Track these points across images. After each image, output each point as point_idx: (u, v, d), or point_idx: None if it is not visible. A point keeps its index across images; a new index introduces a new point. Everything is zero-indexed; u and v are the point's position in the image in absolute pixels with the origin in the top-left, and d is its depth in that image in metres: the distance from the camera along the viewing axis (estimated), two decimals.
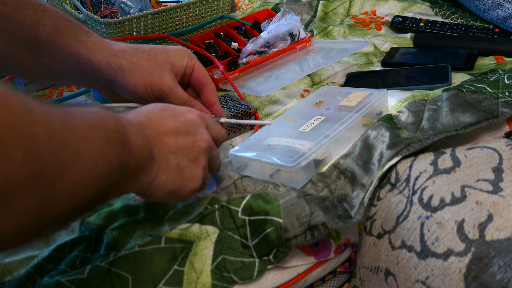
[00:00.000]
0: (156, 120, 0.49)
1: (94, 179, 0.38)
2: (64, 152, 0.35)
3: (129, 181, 0.44)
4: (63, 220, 0.39)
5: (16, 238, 0.34)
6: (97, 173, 0.38)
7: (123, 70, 0.60)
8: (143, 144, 0.45)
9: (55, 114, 0.35)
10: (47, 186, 0.33)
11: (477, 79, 0.73)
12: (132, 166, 0.43)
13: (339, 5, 1.11)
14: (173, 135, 0.49)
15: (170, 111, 0.51)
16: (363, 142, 0.62)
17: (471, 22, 1.01)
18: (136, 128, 0.45)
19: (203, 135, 0.52)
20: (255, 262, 0.50)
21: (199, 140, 0.51)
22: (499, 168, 0.51)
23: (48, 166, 0.33)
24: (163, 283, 0.47)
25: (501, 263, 0.42)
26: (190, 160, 0.50)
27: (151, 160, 0.46)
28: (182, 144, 0.50)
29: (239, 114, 0.74)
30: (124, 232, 0.53)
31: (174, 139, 0.49)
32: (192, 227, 0.52)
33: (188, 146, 0.50)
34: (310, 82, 0.89)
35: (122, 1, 0.99)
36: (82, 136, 0.37)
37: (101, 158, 0.38)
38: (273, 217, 0.51)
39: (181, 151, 0.50)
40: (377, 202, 0.56)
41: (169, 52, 0.62)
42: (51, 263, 0.51)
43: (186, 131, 0.51)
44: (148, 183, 0.47)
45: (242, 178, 0.60)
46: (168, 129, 0.49)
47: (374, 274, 0.53)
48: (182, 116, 0.52)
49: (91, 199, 0.39)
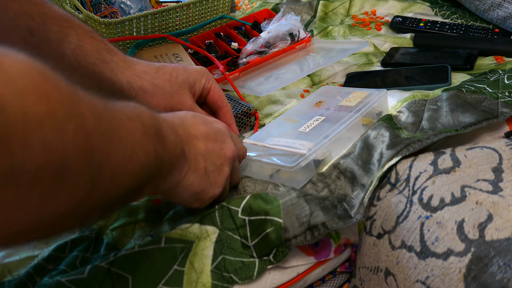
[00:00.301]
0: (188, 123, 0.51)
1: (134, 167, 0.39)
2: (109, 135, 0.36)
3: (162, 176, 0.45)
4: (104, 208, 0.39)
5: (64, 220, 0.34)
6: (137, 161, 0.39)
7: (145, 91, 0.62)
8: (176, 142, 0.47)
9: (97, 99, 0.36)
10: (95, 164, 0.34)
11: (477, 79, 0.73)
12: (166, 161, 0.44)
13: (339, 5, 1.11)
14: (203, 139, 0.51)
15: (201, 118, 0.53)
16: (363, 142, 0.62)
17: (471, 22, 1.01)
18: (170, 126, 0.47)
19: (229, 144, 0.54)
20: (255, 262, 0.50)
21: (226, 148, 0.53)
22: (499, 168, 0.51)
23: (96, 144, 0.34)
24: (163, 283, 0.48)
25: (501, 263, 0.42)
26: (216, 166, 0.52)
27: (183, 158, 0.48)
28: (210, 149, 0.51)
29: (239, 114, 0.74)
30: (124, 232, 0.53)
31: (203, 143, 0.51)
32: (192, 227, 0.52)
33: (216, 152, 0.52)
34: (310, 82, 0.89)
35: (122, 1, 0.99)
36: (122, 125, 0.38)
37: (139, 147, 0.40)
38: (273, 217, 0.51)
39: (209, 155, 0.51)
40: (377, 202, 0.56)
41: (189, 73, 0.64)
42: (51, 263, 0.51)
43: (215, 138, 0.52)
44: (178, 181, 0.48)
45: (242, 179, 0.60)
46: (199, 133, 0.51)
47: (374, 274, 0.53)
48: (211, 124, 0.53)
49: (129, 190, 0.40)
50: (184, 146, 0.48)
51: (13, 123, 0.28)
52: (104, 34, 0.87)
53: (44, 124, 0.29)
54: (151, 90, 0.62)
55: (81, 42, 0.59)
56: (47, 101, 0.30)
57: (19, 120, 0.28)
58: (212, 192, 0.52)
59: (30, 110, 0.29)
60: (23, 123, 0.28)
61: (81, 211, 0.35)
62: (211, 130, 0.52)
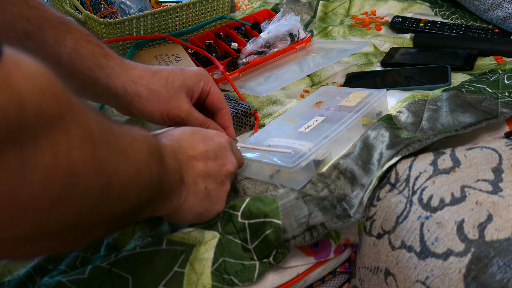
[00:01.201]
0: (186, 145, 0.50)
1: (140, 185, 0.39)
2: (116, 150, 0.36)
3: (162, 199, 0.45)
4: (108, 225, 0.40)
5: (70, 231, 0.35)
6: (142, 179, 0.40)
7: (140, 97, 0.61)
8: (176, 168, 0.47)
9: (103, 117, 0.37)
10: (104, 175, 0.34)
11: (477, 79, 0.73)
12: (166, 186, 0.45)
13: (339, 5, 1.11)
14: (202, 159, 0.51)
15: (201, 135, 0.53)
16: (363, 142, 0.62)
17: (471, 22, 1.01)
18: (170, 152, 0.47)
19: (231, 159, 0.54)
20: (256, 264, 0.50)
21: (227, 164, 0.53)
22: (498, 168, 0.51)
23: (104, 157, 0.34)
24: (163, 284, 0.48)
25: (500, 263, 0.42)
26: (217, 184, 0.52)
27: (181, 184, 0.48)
28: (210, 168, 0.51)
29: (239, 114, 0.74)
30: (124, 233, 0.53)
31: (203, 163, 0.51)
32: (194, 231, 0.52)
33: (216, 170, 0.52)
34: (310, 83, 0.89)
35: (122, 1, 0.99)
36: (128, 144, 0.39)
37: (145, 167, 0.40)
38: (271, 219, 0.51)
39: (209, 174, 0.51)
40: (376, 202, 0.56)
41: (187, 76, 0.64)
42: (51, 263, 0.51)
43: (215, 155, 0.52)
44: (178, 206, 0.48)
45: (241, 181, 0.60)
46: (198, 153, 0.51)
47: (374, 274, 0.53)
48: (211, 140, 0.53)
49: (133, 208, 0.40)
50: (182, 172, 0.48)
51: (28, 119, 0.28)
52: (104, 34, 0.87)
53: (53, 126, 0.30)
54: (147, 96, 0.61)
55: (77, 46, 0.59)
56: (58, 104, 0.30)
57: (33, 117, 0.28)
58: (216, 210, 0.52)
59: (44, 109, 0.29)
60: (36, 121, 0.28)
61: (88, 224, 0.36)
62: (210, 147, 0.52)
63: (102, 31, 0.87)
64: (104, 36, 0.87)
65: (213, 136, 0.54)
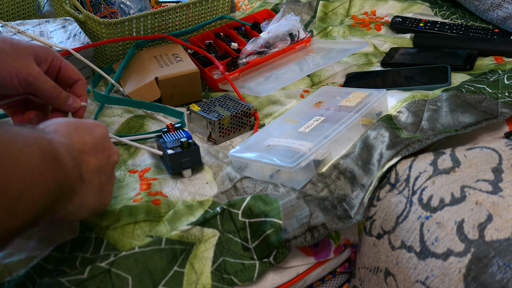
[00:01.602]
0: (75, 139, 0.48)
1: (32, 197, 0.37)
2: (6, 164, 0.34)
3: (61, 203, 0.44)
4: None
5: None
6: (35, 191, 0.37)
7: None
8: (74, 166, 0.45)
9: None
10: None
11: (477, 80, 0.73)
12: (66, 188, 0.43)
13: (339, 5, 1.11)
14: (92, 153, 0.49)
15: (84, 128, 0.50)
16: (363, 143, 0.62)
17: (471, 22, 1.01)
18: (65, 150, 0.45)
19: (114, 148, 0.52)
20: (256, 264, 0.50)
21: (113, 154, 0.52)
22: (498, 168, 0.51)
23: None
24: (163, 284, 0.47)
25: (500, 263, 0.42)
26: (107, 176, 0.51)
27: (81, 182, 0.46)
28: (101, 161, 0.50)
29: (239, 114, 0.74)
30: (124, 233, 0.53)
31: (94, 158, 0.49)
32: (193, 229, 0.52)
33: (105, 162, 0.50)
34: (309, 83, 0.89)
35: (122, 1, 0.99)
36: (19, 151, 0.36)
37: (38, 175, 0.38)
38: (272, 219, 0.51)
39: (101, 168, 0.49)
40: (376, 203, 0.56)
41: (33, 45, 0.61)
42: (51, 263, 0.51)
43: (102, 147, 0.50)
44: (78, 204, 0.46)
45: (241, 180, 0.60)
46: (88, 147, 0.49)
47: (374, 274, 0.53)
48: (94, 132, 0.50)
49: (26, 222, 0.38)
50: (80, 170, 0.46)
51: None
52: (104, 34, 0.87)
53: None
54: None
55: None
56: None
57: None
58: (107, 203, 0.51)
59: None
60: None
61: None
62: (97, 139, 0.50)
63: (102, 31, 0.87)
64: (104, 36, 0.87)
65: (94, 127, 0.51)
